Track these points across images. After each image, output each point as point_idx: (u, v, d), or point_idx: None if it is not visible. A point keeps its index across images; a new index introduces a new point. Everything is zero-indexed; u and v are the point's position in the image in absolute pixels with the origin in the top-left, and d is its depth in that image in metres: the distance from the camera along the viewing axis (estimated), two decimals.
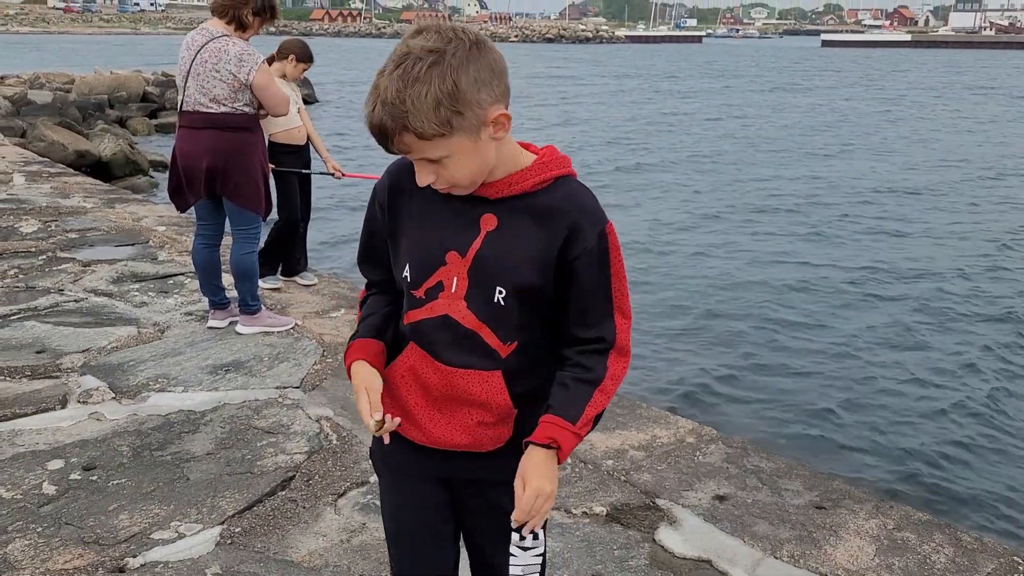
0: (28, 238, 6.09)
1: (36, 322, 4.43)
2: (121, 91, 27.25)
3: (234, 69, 3.99)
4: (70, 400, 3.57)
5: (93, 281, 5.14)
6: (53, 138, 16.31)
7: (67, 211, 6.97)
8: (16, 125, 17.91)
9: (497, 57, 1.35)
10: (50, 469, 3.00)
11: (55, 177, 8.57)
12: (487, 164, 1.37)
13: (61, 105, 23.27)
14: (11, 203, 7.19)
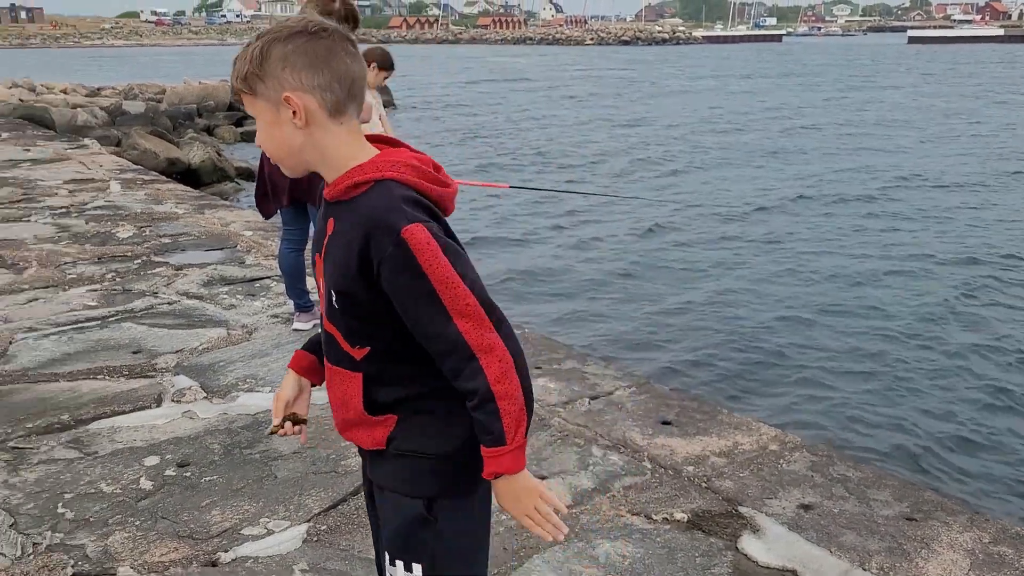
0: (124, 243, 6.35)
1: (132, 323, 4.62)
2: (209, 100, 28.16)
3: None
4: (165, 399, 3.71)
5: (185, 284, 5.34)
6: (145, 146, 16.98)
7: (160, 217, 7.25)
8: (112, 134, 18.68)
9: (322, 52, 1.39)
10: (147, 465, 3.13)
11: (149, 184, 8.92)
12: (288, 146, 1.44)
13: (153, 115, 24.21)
14: (109, 209, 7.52)
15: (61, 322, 4.62)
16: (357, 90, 1.45)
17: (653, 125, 24.47)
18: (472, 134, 23.33)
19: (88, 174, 9.42)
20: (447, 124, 25.94)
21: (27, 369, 4.00)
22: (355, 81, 1.43)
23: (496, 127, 24.94)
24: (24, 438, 3.33)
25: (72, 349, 4.26)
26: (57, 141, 12.61)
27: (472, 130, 24.20)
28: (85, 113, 21.93)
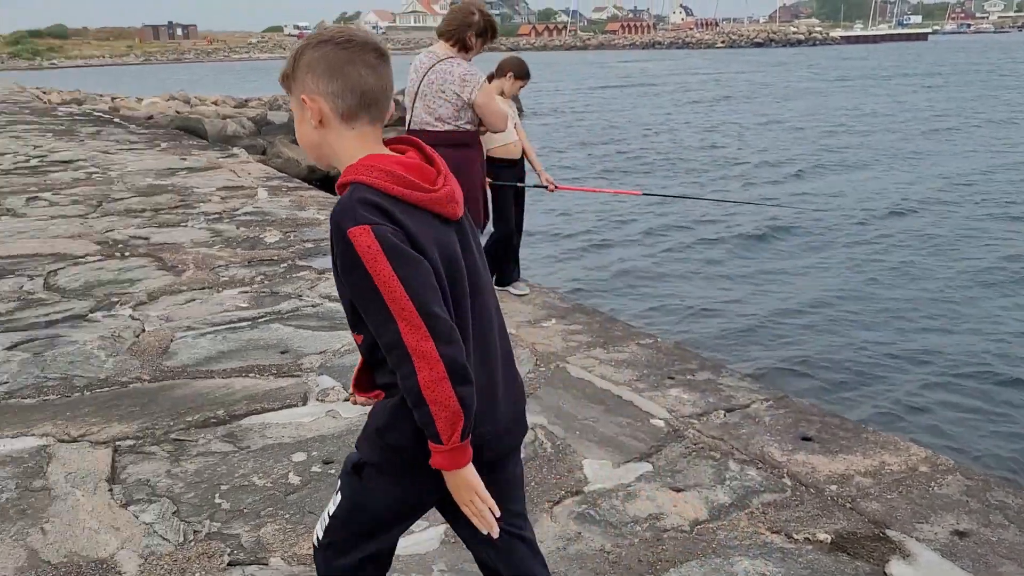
0: (271, 247, 6.68)
1: (280, 325, 4.86)
2: None
3: (458, 89, 4.20)
4: (310, 398, 3.89)
5: (327, 288, 5.56)
6: (288, 155, 17.79)
7: (304, 223, 7.58)
8: (258, 143, 19.67)
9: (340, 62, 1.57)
10: (295, 461, 3.28)
11: (293, 191, 9.34)
12: (309, 140, 1.65)
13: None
14: (257, 215, 7.92)
15: (216, 322, 4.91)
16: (370, 99, 1.59)
17: (785, 129, 23.74)
18: (600, 140, 23.29)
19: (238, 181, 9.96)
20: (575, 130, 25.99)
21: (186, 366, 4.27)
22: (368, 91, 1.58)
23: (624, 132, 24.80)
24: (184, 431, 3.55)
25: (226, 348, 4.51)
26: (210, 150, 13.39)
27: (600, 136, 24.15)
28: (234, 124, 23.20)
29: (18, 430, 3.56)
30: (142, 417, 3.68)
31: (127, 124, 18.19)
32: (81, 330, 4.76)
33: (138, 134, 15.81)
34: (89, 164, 11.32)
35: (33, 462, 3.29)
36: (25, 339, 4.62)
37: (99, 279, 5.82)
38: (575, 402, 3.83)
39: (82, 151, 12.65)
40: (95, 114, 20.93)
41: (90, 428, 3.56)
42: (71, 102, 27.94)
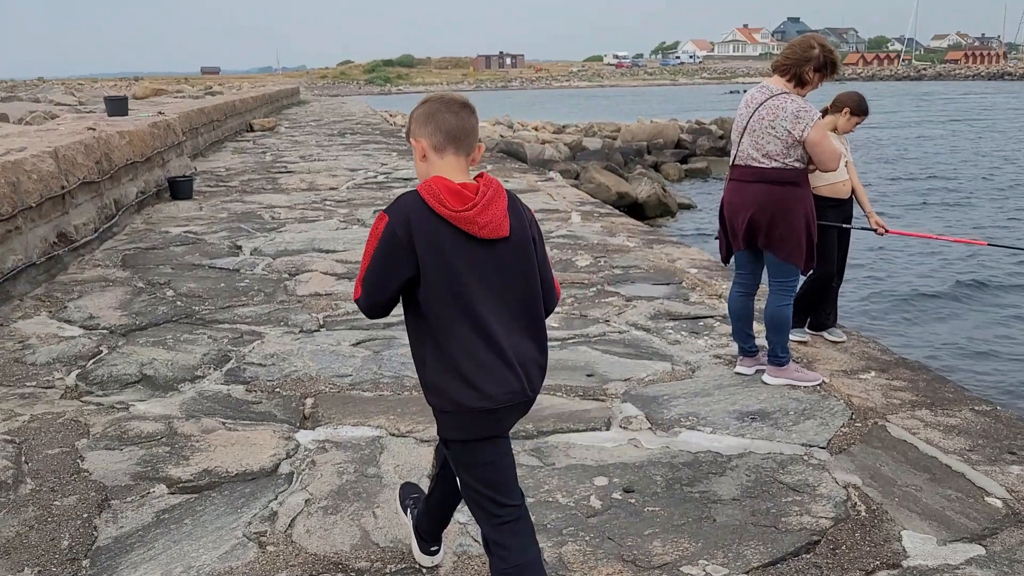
0: (582, 271, 6.90)
1: (587, 348, 5.00)
2: (658, 138, 29.45)
3: (789, 126, 4.07)
4: (613, 423, 3.95)
5: (634, 315, 5.63)
6: (600, 180, 18.29)
7: (613, 249, 7.75)
8: (572, 168, 20.43)
9: (432, 112, 2.21)
10: (596, 484, 3.35)
11: (604, 217, 9.59)
12: (419, 171, 2.26)
13: (608, 151, 26.00)
14: (570, 239, 8.23)
15: None
16: (453, 137, 2.19)
17: None
18: (932, 180, 21.34)
19: (553, 205, 10.42)
20: (905, 168, 24.06)
21: None
22: (450, 130, 2.19)
23: (960, 173, 22.52)
24: None
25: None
26: (529, 173, 14.14)
27: (932, 175, 22.13)
28: (551, 148, 24.31)
29: (357, 420, 3.99)
30: None
31: None
32: None
33: None
34: None
35: (368, 450, 3.67)
36: (366, 338, 5.18)
37: None
38: (895, 465, 3.53)
39: None
40: None
41: (416, 426, 3.90)
42: None
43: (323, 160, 15.56)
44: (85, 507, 3.20)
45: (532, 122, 35.70)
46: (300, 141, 19.75)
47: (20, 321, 5.53)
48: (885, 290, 10.90)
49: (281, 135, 21.58)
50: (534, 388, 2.24)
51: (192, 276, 6.77)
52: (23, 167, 6.26)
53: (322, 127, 24.73)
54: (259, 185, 12.08)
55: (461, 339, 2.13)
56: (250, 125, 22.61)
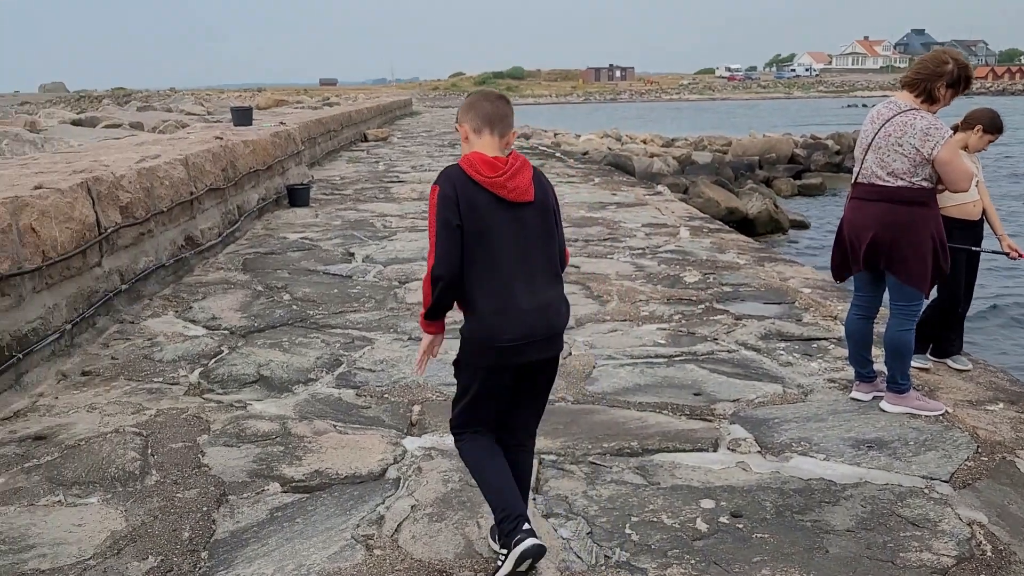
0: (691, 287, 6.79)
1: (695, 366, 4.91)
2: (771, 153, 28.77)
3: (918, 143, 3.90)
4: (720, 445, 3.86)
5: (743, 335, 5.50)
6: (709, 195, 17.99)
7: (723, 265, 7.60)
8: (680, 182, 20.16)
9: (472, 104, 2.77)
10: (702, 507, 3.28)
11: (714, 233, 9.42)
12: (462, 150, 2.77)
13: (718, 165, 25.56)
14: (678, 254, 8.12)
15: (635, 355, 5.11)
16: (489, 120, 2.72)
17: None
18: None
19: (662, 219, 10.30)
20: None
21: (606, 393, 4.50)
22: (487, 115, 2.72)
23: None
24: (600, 456, 3.74)
25: (643, 381, 4.68)
26: (637, 187, 14.03)
27: None
28: (660, 162, 24.07)
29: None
30: (565, 436, 3.95)
31: (566, 158, 19.80)
32: None
33: (575, 168, 17.12)
34: None
35: None
36: None
37: None
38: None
39: None
40: (540, 148, 23.10)
41: None
42: (520, 136, 31.21)
43: (433, 170, 15.85)
44: (205, 501, 3.35)
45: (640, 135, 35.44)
46: (412, 151, 20.19)
47: (149, 320, 5.84)
48: (1016, 317, 10.31)
49: (393, 145, 22.12)
50: (553, 326, 2.73)
51: (307, 281, 7.01)
52: (157, 174, 6.62)
53: (433, 138, 25.22)
54: (372, 194, 12.41)
55: (486, 287, 2.65)
56: (364, 135, 23.27)
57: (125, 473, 3.58)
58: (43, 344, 4.66)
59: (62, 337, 4.89)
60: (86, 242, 5.25)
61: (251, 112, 13.21)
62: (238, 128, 11.54)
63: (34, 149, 11.30)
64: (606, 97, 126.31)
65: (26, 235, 4.59)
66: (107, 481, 3.51)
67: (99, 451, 3.77)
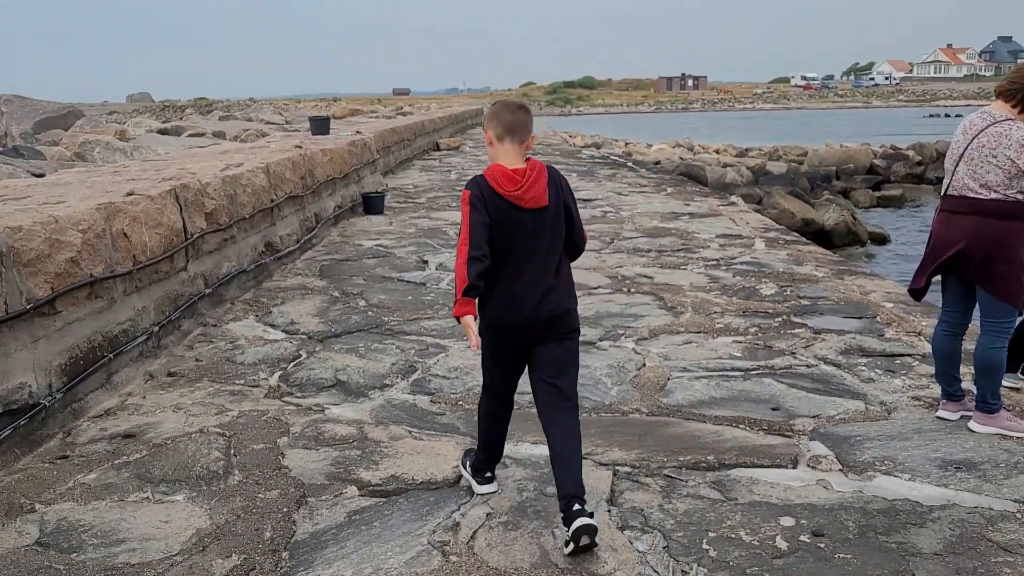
0: (766, 300, 6.67)
1: (772, 380, 4.82)
2: (848, 163, 28.14)
3: (1014, 155, 3.77)
4: (800, 461, 3.78)
5: (823, 349, 5.38)
6: (784, 206, 17.67)
7: (800, 278, 7.45)
8: (754, 192, 19.85)
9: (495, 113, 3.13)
10: (782, 524, 3.22)
11: (790, 245, 9.24)
12: (490, 156, 3.18)
13: (793, 176, 25.09)
14: (753, 266, 7.99)
15: (710, 367, 5.04)
16: (509, 129, 3.07)
17: None
18: None
19: (736, 230, 10.16)
20: None
21: (680, 406, 4.45)
22: (508, 124, 3.07)
23: None
24: (676, 469, 3.70)
25: (718, 395, 4.61)
26: (711, 197, 13.86)
27: None
28: (733, 172, 23.75)
29: (537, 438, 4.02)
30: (639, 448, 3.92)
31: (637, 168, 19.68)
32: (592, 356, 5.24)
33: (647, 178, 17.01)
34: (605, 203, 12.50)
35: (547, 470, 3.67)
36: None
37: (608, 311, 6.37)
38: None
39: (599, 191, 14.03)
40: (611, 157, 23.03)
41: (595, 448, 3.90)
42: (591, 145, 31.14)
43: None
44: (285, 502, 3.42)
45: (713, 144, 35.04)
46: (483, 161, 20.33)
47: (231, 323, 6.01)
48: None
49: (465, 154, 22.33)
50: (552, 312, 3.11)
51: (382, 288, 7.12)
52: (240, 181, 6.81)
53: None
54: (444, 202, 12.54)
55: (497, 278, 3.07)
56: (437, 144, 23.54)
57: (209, 472, 3.68)
58: (132, 345, 4.84)
59: (150, 339, 5.06)
60: (173, 247, 5.43)
61: (328, 122, 13.50)
62: (316, 137, 11.80)
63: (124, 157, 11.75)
64: (677, 106, 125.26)
65: (118, 240, 4.77)
66: (192, 479, 3.62)
67: (184, 450, 3.89)
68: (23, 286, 3.90)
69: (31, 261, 3.96)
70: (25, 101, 26.94)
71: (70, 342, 4.27)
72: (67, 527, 3.24)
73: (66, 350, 4.23)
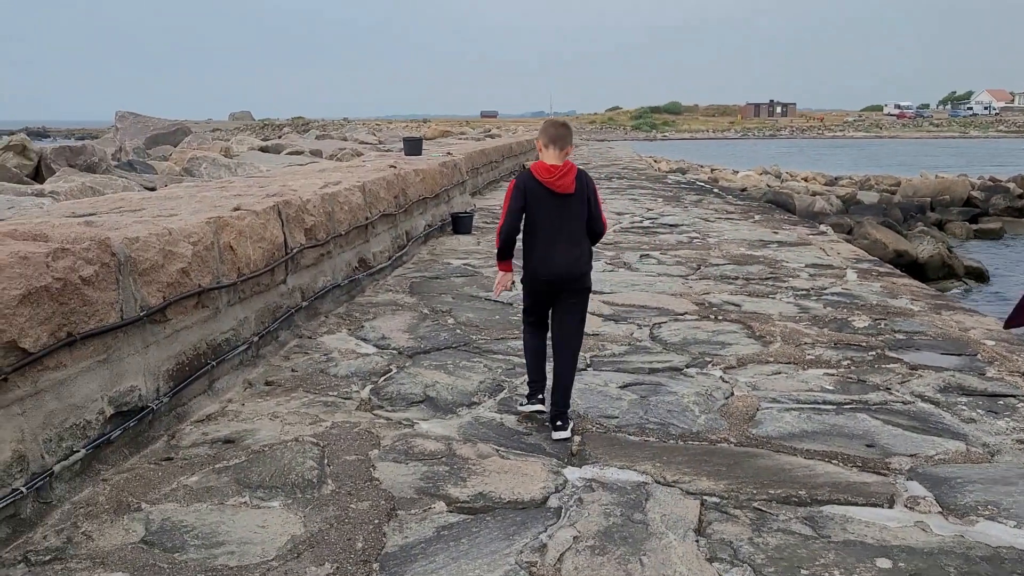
0: (859, 332, 6.51)
1: (866, 416, 4.70)
2: (944, 195, 27.24)
3: None
4: (897, 501, 3.67)
5: (919, 386, 5.21)
6: (876, 236, 17.21)
7: (895, 311, 7.24)
8: (844, 222, 19.40)
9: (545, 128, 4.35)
10: (879, 567, 3.13)
11: (883, 277, 8.99)
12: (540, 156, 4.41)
13: (885, 206, 24.42)
14: (845, 297, 7.80)
15: (801, 399, 4.95)
16: (552, 139, 4.25)
17: None
18: None
19: (826, 260, 9.93)
20: None
21: (771, 437, 4.38)
22: (551, 136, 4.25)
23: None
24: (766, 502, 3.64)
25: (809, 428, 4.52)
26: (800, 226, 13.60)
27: None
28: (822, 200, 23.24)
29: (624, 463, 4.03)
30: (728, 478, 3.87)
31: (724, 194, 19.44)
32: (679, 383, 5.21)
33: (734, 204, 16.79)
34: (691, 229, 12.40)
35: (634, 495, 3.69)
36: (633, 381, 5.23)
37: (695, 337, 6.31)
38: None
39: (685, 216, 13.92)
40: (697, 183, 22.81)
41: (682, 476, 3.87)
42: (676, 170, 30.93)
43: None
44: (376, 513, 3.50)
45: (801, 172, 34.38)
46: None
47: (325, 336, 6.18)
48: None
49: None
50: (573, 272, 4.29)
51: (470, 306, 7.21)
52: (337, 199, 7.02)
53: (589, 171, 25.38)
54: None
55: (537, 244, 4.28)
56: (523, 166, 23.72)
57: (304, 480, 3.79)
58: (233, 354, 5.02)
59: (249, 348, 5.25)
60: (275, 261, 5.63)
61: (421, 143, 13.77)
62: (409, 157, 12.06)
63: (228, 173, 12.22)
64: (765, 133, 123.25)
65: (225, 252, 4.98)
66: (288, 487, 3.74)
67: (281, 457, 4.02)
68: (138, 294, 4.10)
69: (146, 271, 4.17)
70: (138, 118, 28.28)
71: (178, 349, 4.47)
72: (170, 527, 3.38)
73: (173, 356, 4.43)
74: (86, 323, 3.70)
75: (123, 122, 28.23)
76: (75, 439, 3.63)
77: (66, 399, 3.60)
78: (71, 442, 3.61)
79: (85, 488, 3.67)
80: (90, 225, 4.30)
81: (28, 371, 3.37)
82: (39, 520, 3.38)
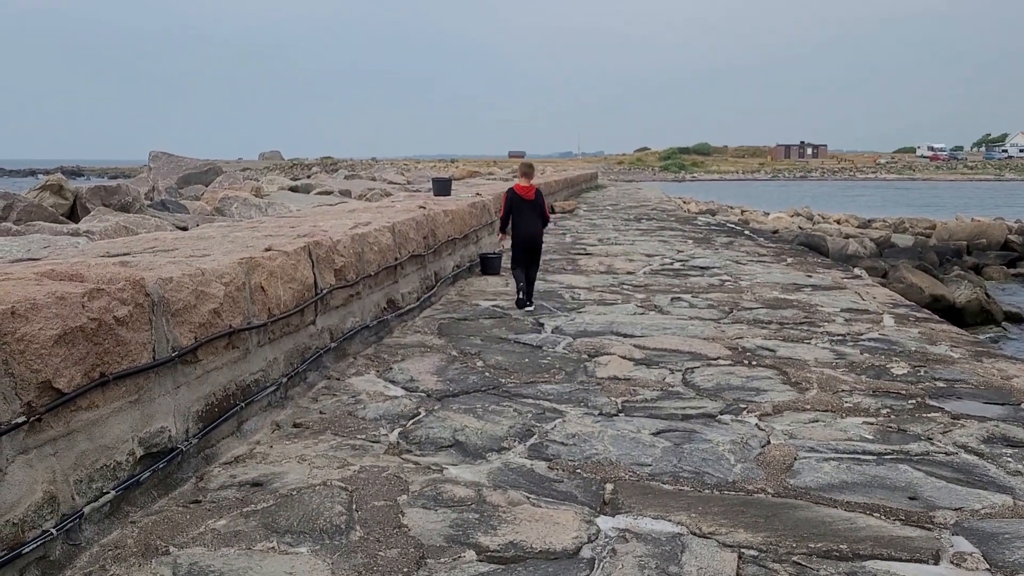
0: (898, 380, 6.36)
1: (908, 467, 4.56)
2: (981, 238, 26.89)
3: None
4: (942, 557, 3.54)
5: (963, 436, 5.07)
6: (912, 280, 16.98)
7: (935, 359, 7.08)
8: (879, 265, 19.17)
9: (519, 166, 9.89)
10: None
11: (922, 323, 8.82)
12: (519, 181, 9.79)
13: (921, 249, 24.13)
14: (882, 343, 7.65)
15: (840, 449, 4.82)
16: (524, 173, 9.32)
17: None
18: None
19: (862, 305, 9.78)
20: None
21: (809, 488, 4.26)
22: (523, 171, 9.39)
23: None
24: (806, 556, 3.52)
25: (849, 479, 4.39)
26: (834, 269, 13.43)
27: None
28: (856, 243, 23.01)
29: (658, 512, 3.93)
30: (766, 530, 3.76)
31: (755, 236, 19.31)
32: (713, 430, 5.11)
33: (765, 247, 16.65)
34: (722, 272, 12.29)
35: (669, 547, 3.59)
36: (666, 428, 5.13)
37: (729, 383, 6.20)
38: None
39: (716, 259, 13.82)
40: (727, 225, 22.69)
41: (719, 528, 3.76)
42: (706, 212, 30.82)
43: (620, 244, 15.93)
44: (405, 562, 3.43)
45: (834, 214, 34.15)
46: (598, 224, 20.41)
47: (353, 377, 6.16)
48: None
49: (580, 218, 22.47)
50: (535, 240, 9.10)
51: (499, 349, 7.16)
52: (367, 240, 7.05)
53: (619, 211, 25.41)
54: (559, 265, 12.61)
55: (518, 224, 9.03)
56: (552, 207, 23.80)
57: (332, 526, 3.74)
58: (262, 395, 5.01)
59: (278, 389, 5.23)
60: (304, 301, 5.64)
61: (450, 183, 13.87)
62: (438, 198, 12.13)
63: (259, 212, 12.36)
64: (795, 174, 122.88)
65: (256, 293, 4.99)
66: (316, 532, 3.68)
67: (309, 502, 3.97)
68: (170, 335, 4.11)
69: (179, 311, 4.18)
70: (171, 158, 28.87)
71: (207, 390, 4.46)
72: (198, 572, 3.34)
73: (203, 397, 4.42)
74: (119, 363, 3.71)
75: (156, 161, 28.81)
76: (105, 480, 3.62)
77: (97, 440, 3.60)
78: (101, 483, 3.59)
79: (114, 530, 3.65)
80: (125, 265, 4.34)
81: (61, 411, 3.37)
82: (68, 562, 3.35)
